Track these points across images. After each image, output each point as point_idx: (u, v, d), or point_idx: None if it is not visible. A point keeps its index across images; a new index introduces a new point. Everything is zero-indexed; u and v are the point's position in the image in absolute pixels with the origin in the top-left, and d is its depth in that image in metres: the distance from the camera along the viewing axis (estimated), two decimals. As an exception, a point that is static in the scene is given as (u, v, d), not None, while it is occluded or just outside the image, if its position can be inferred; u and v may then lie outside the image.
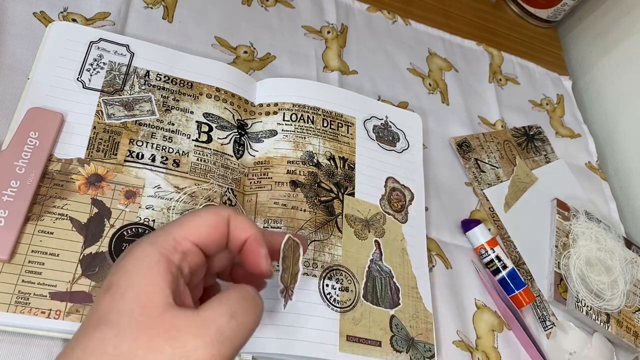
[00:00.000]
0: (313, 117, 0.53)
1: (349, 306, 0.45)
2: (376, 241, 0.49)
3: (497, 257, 0.54)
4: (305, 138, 0.51)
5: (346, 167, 0.52)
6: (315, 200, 0.48)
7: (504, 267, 0.53)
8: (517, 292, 0.53)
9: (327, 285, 0.45)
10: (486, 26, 0.79)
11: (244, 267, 0.34)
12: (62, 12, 0.50)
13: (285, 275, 0.36)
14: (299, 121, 0.52)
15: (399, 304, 0.48)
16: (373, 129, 0.55)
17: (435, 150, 0.61)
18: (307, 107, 0.53)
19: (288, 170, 0.49)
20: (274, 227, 0.46)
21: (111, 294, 0.28)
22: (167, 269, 0.29)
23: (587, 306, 0.56)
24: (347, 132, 0.54)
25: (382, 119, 0.56)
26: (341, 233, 0.48)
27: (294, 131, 0.51)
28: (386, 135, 0.56)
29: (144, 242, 0.30)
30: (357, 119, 0.55)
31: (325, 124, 0.53)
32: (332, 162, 0.51)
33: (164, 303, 0.28)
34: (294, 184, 0.48)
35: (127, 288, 0.28)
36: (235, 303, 0.29)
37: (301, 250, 0.37)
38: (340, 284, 0.46)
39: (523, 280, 0.54)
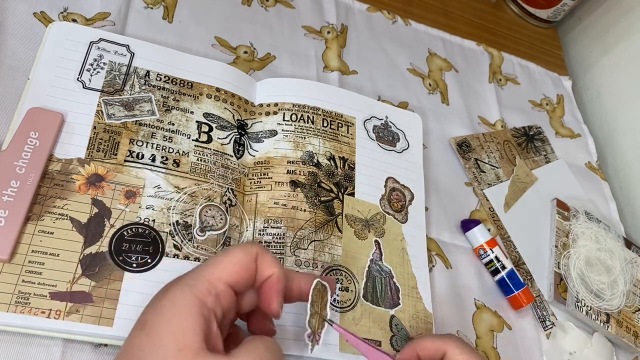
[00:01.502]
0: (313, 117, 0.53)
1: (349, 306, 0.45)
2: (376, 241, 0.49)
3: (496, 258, 0.54)
4: (305, 138, 0.51)
5: (346, 167, 0.52)
6: (315, 200, 0.48)
7: (503, 267, 0.53)
8: (516, 292, 0.53)
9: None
10: (486, 26, 0.79)
11: (259, 303, 0.35)
12: (62, 12, 0.50)
13: (312, 320, 0.37)
14: (299, 121, 0.52)
15: (399, 304, 0.48)
16: (373, 129, 0.55)
17: (435, 150, 0.61)
18: (307, 107, 0.53)
19: (288, 170, 0.49)
20: (274, 227, 0.46)
21: (147, 334, 0.29)
22: (200, 312, 0.30)
23: (587, 306, 0.56)
24: (347, 132, 0.54)
25: (382, 119, 0.56)
26: (341, 233, 0.48)
27: (294, 131, 0.51)
28: (386, 136, 0.56)
29: (180, 284, 0.31)
30: (357, 119, 0.55)
31: (325, 124, 0.53)
32: (332, 162, 0.51)
33: (197, 348, 0.29)
34: (294, 184, 0.48)
35: (163, 330, 0.29)
36: (263, 354, 0.31)
37: (329, 295, 0.38)
38: (340, 283, 0.46)
39: (522, 280, 0.54)
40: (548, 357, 0.52)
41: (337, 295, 0.45)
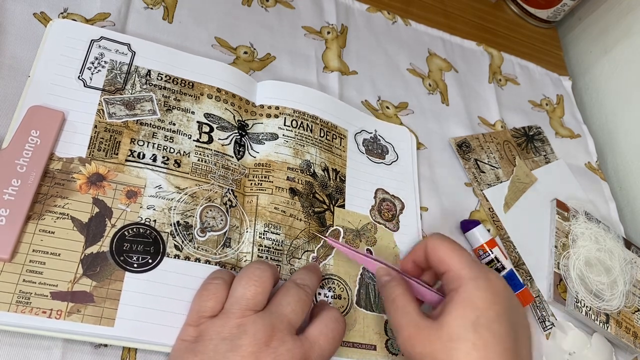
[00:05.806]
0: (312, 125, 0.52)
1: (342, 313, 0.45)
2: (368, 249, 0.49)
3: (496, 258, 0.54)
4: (304, 146, 0.51)
5: (337, 180, 0.52)
6: (310, 211, 0.48)
7: (503, 268, 0.53)
8: (515, 293, 0.53)
9: (320, 293, 0.45)
10: (486, 26, 0.79)
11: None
12: (62, 13, 0.50)
13: (321, 250, 0.47)
14: (299, 128, 0.52)
15: None
16: (363, 142, 0.55)
17: (435, 151, 0.61)
18: (307, 115, 0.53)
19: (288, 176, 0.49)
20: (274, 233, 0.46)
21: None
22: None
23: (587, 306, 0.56)
24: (340, 145, 0.54)
25: (371, 133, 0.57)
26: None
27: (294, 137, 0.51)
28: (375, 149, 0.56)
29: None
30: (349, 132, 0.55)
31: (322, 134, 0.53)
32: (326, 173, 0.51)
33: None
34: (293, 191, 0.48)
35: None
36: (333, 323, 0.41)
37: (341, 237, 0.49)
38: (333, 292, 0.46)
39: (522, 281, 0.54)
40: (548, 357, 0.52)
41: (330, 303, 0.45)
